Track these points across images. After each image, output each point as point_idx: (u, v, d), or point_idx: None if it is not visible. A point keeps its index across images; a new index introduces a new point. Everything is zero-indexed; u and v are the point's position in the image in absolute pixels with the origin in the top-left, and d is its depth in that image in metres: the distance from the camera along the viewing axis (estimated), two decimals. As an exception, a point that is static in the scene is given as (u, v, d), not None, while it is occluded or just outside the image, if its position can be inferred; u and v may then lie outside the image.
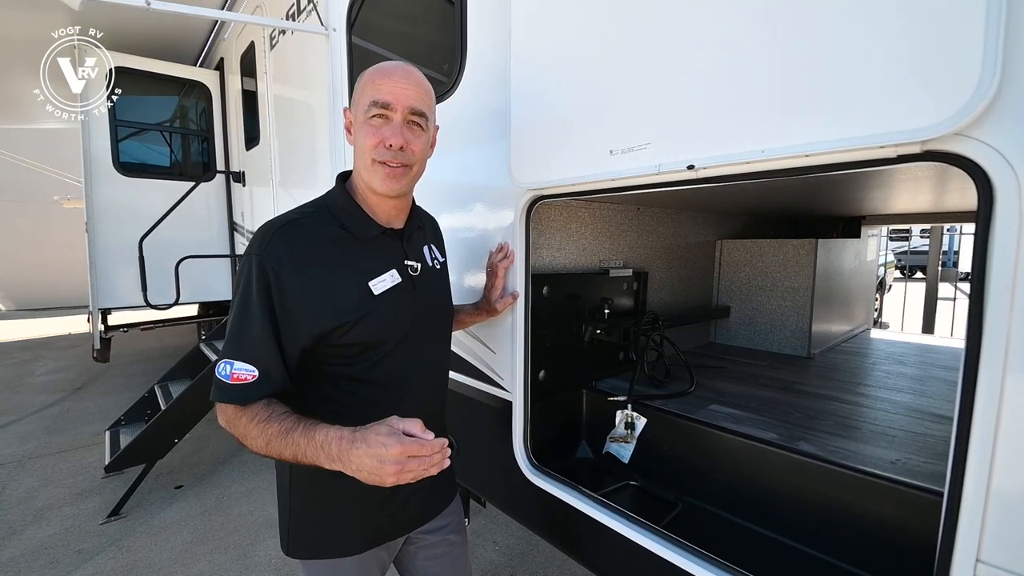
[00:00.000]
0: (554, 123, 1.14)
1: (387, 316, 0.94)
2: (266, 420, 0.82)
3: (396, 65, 0.95)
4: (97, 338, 3.83)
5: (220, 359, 0.86)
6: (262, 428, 0.82)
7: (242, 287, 0.86)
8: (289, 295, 0.86)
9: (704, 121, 0.86)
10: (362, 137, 0.93)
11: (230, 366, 0.84)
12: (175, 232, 3.87)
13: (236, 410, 0.85)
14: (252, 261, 0.86)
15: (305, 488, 0.99)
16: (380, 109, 0.91)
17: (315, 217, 0.93)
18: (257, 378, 0.84)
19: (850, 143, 0.70)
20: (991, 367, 0.64)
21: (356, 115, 0.95)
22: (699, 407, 1.44)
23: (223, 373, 0.84)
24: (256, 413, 0.83)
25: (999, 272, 0.63)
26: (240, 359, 0.84)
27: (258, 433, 0.82)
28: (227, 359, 0.85)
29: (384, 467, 0.73)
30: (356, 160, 0.97)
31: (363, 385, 0.95)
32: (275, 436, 0.81)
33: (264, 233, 0.88)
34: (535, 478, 1.33)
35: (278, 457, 0.82)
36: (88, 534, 2.58)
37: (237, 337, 0.86)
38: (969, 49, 0.60)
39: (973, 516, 0.66)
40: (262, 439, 0.81)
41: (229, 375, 0.84)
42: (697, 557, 0.98)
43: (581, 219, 1.65)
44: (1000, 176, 0.62)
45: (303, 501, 0.99)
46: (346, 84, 2.12)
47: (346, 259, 0.93)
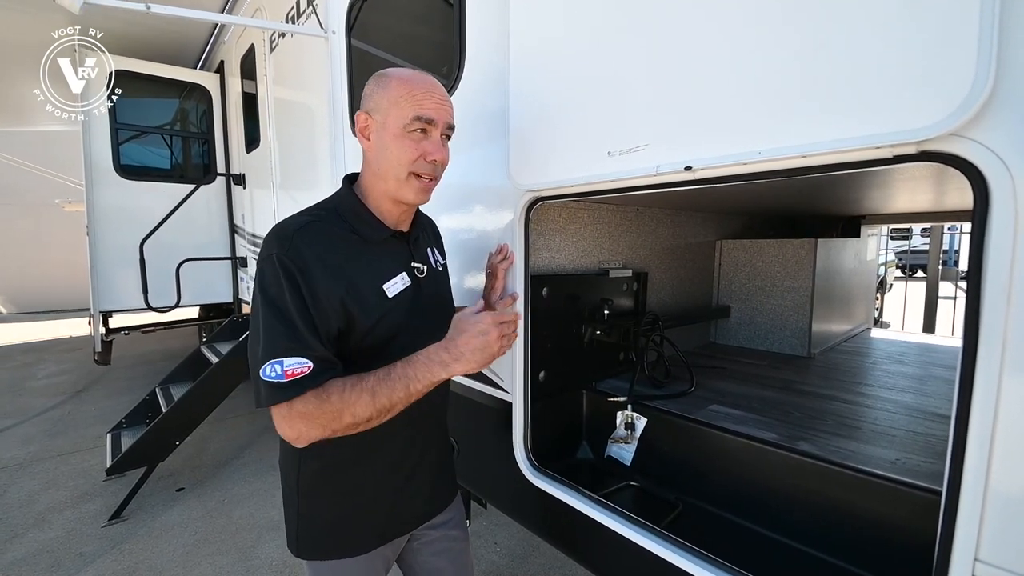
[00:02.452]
0: (553, 125, 1.15)
1: (399, 318, 0.96)
2: (357, 381, 0.84)
3: (432, 81, 0.97)
4: (98, 341, 3.84)
5: (264, 363, 0.81)
6: (359, 388, 0.83)
7: (268, 289, 0.85)
8: (318, 289, 0.85)
9: (701, 122, 0.86)
10: (399, 149, 0.94)
11: (280, 365, 0.81)
12: (176, 235, 3.88)
13: (317, 395, 0.82)
14: (275, 262, 0.84)
15: (313, 489, 0.99)
16: (424, 124, 0.93)
17: (327, 220, 0.94)
18: (313, 368, 0.82)
19: (846, 144, 0.70)
20: (988, 366, 0.64)
21: (389, 124, 0.94)
22: (699, 407, 1.44)
23: (274, 375, 0.80)
24: (342, 383, 0.84)
25: (995, 271, 0.63)
26: (289, 355, 0.81)
27: (357, 395, 0.83)
28: (273, 360, 0.81)
29: (489, 337, 0.87)
30: (385, 168, 0.96)
31: None
32: (378, 384, 0.84)
33: (281, 235, 0.88)
34: (535, 479, 1.33)
35: (387, 404, 0.84)
36: (90, 537, 2.59)
37: (278, 336, 0.82)
38: (964, 50, 0.61)
39: (971, 515, 0.66)
40: (366, 396, 0.83)
41: (283, 374, 0.80)
42: (697, 557, 0.98)
43: (581, 220, 1.66)
44: (995, 176, 0.62)
45: (311, 502, 1.00)
46: (345, 86, 2.12)
47: (361, 260, 0.94)
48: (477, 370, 0.89)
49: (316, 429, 0.83)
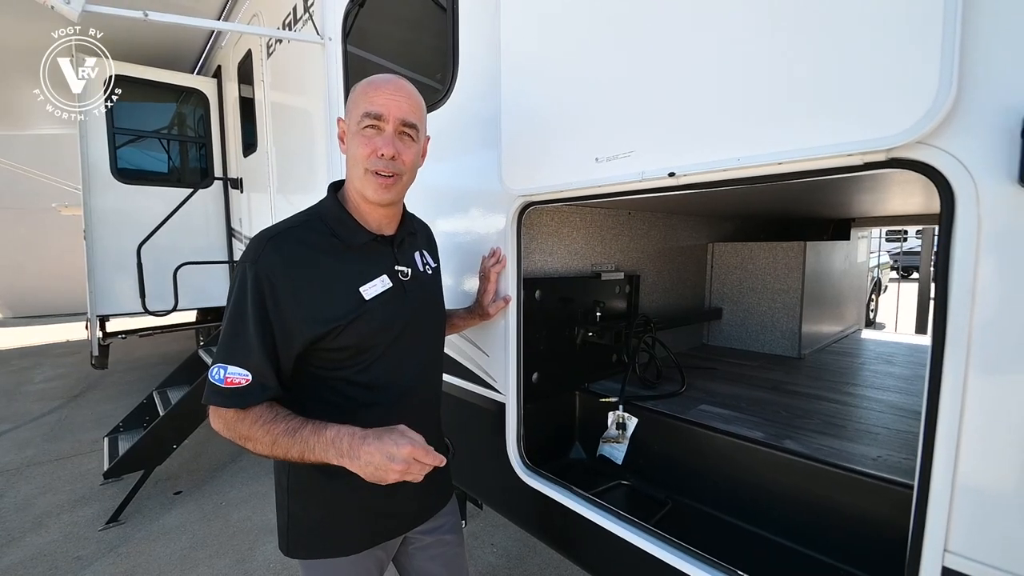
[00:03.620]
0: (543, 132, 1.18)
1: (378, 320, 0.97)
2: (271, 421, 0.86)
3: (388, 78, 0.99)
4: (95, 345, 3.84)
5: (214, 364, 0.88)
6: (267, 428, 0.86)
7: (236, 295, 0.89)
8: (284, 302, 0.89)
9: (684, 131, 0.89)
10: (355, 147, 0.97)
11: (224, 370, 0.86)
12: (173, 239, 3.90)
13: (236, 414, 0.87)
14: (246, 270, 0.88)
15: (302, 489, 1.01)
16: (372, 120, 0.95)
17: (307, 226, 0.96)
18: (251, 382, 0.87)
19: (819, 151, 0.73)
20: (954, 364, 0.67)
21: (349, 125, 0.99)
22: (689, 407, 1.46)
23: (217, 377, 0.87)
24: (260, 415, 0.87)
25: (960, 273, 0.66)
26: (233, 364, 0.87)
27: (263, 434, 0.85)
28: (221, 364, 0.87)
29: (392, 464, 0.80)
30: (349, 169, 1.00)
31: (357, 387, 0.98)
32: (282, 435, 0.85)
33: (258, 242, 0.91)
34: (528, 478, 1.35)
35: (283, 456, 0.86)
36: (87, 540, 2.59)
37: (230, 343, 0.88)
38: (928, 64, 0.64)
39: (940, 507, 0.69)
40: (267, 439, 0.85)
41: (223, 379, 0.86)
42: (684, 553, 1.01)
43: (573, 224, 1.69)
44: (959, 182, 0.65)
45: (300, 502, 1.01)
46: (341, 92, 2.15)
47: (337, 265, 0.96)
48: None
49: (230, 435, 0.89)
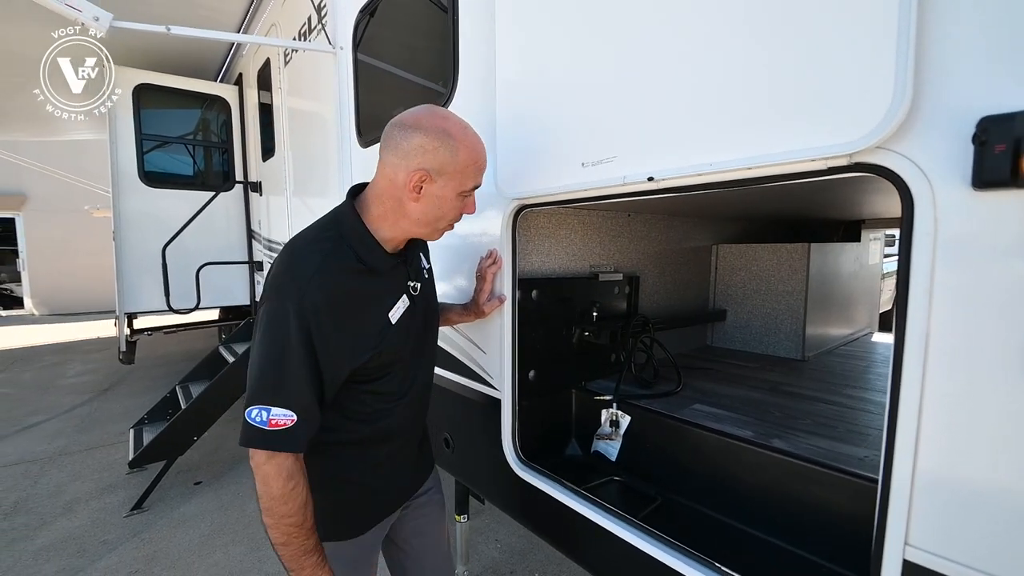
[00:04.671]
0: (534, 138, 1.22)
1: (401, 337, 1.04)
2: (299, 523, 0.89)
3: (482, 144, 1.02)
4: (123, 341, 4.02)
5: (252, 405, 0.86)
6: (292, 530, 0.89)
7: (273, 333, 0.87)
8: (329, 337, 0.90)
9: (661, 138, 0.93)
10: (449, 209, 1.01)
11: (266, 412, 0.85)
12: (197, 240, 4.05)
13: (287, 480, 0.87)
14: (289, 309, 0.87)
15: (316, 483, 1.04)
16: (475, 189, 1.03)
17: (338, 255, 0.95)
18: (296, 422, 0.87)
19: (784, 156, 0.76)
20: (913, 361, 0.69)
21: (449, 188, 0.98)
22: (683, 406, 1.49)
23: (259, 420, 0.85)
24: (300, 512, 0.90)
25: (918, 274, 0.68)
26: (277, 405, 0.86)
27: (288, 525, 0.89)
28: (261, 405, 0.86)
29: None
30: (423, 218, 1.00)
31: (379, 397, 1.05)
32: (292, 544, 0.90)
33: (297, 281, 0.89)
34: (522, 472, 1.40)
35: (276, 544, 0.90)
36: (113, 526, 2.73)
37: (272, 383, 0.87)
38: (883, 71, 0.66)
39: (901, 501, 0.71)
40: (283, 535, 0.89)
41: (266, 421, 0.85)
42: (667, 546, 1.04)
43: (570, 226, 1.72)
44: (917, 185, 0.67)
45: (315, 493, 1.05)
46: (352, 98, 2.23)
47: (369, 294, 0.99)
48: None
49: (272, 487, 0.88)
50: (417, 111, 0.99)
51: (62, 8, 1.64)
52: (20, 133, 7.26)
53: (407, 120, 0.97)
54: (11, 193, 10.85)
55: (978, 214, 0.63)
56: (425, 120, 0.96)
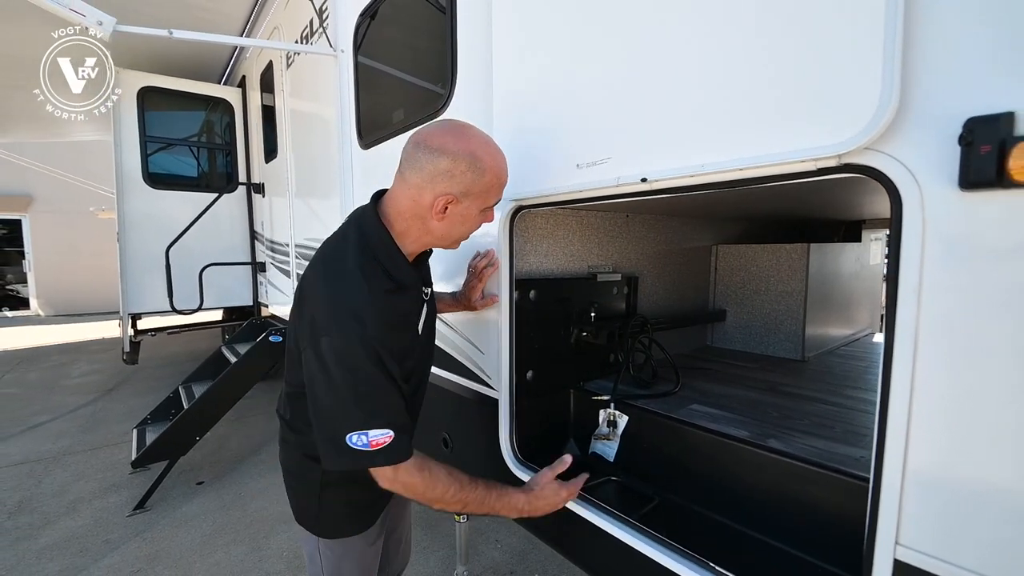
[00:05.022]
0: (531, 139, 1.23)
1: (423, 344, 1.12)
2: (459, 489, 1.01)
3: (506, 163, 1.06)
4: (127, 341, 4.05)
5: (345, 433, 0.91)
6: (459, 496, 1.01)
7: (349, 364, 0.91)
8: (393, 354, 0.95)
9: (654, 139, 0.94)
10: (472, 225, 1.06)
11: (364, 436, 0.91)
12: (200, 241, 4.09)
13: (420, 472, 0.98)
14: (355, 342, 0.90)
15: (337, 483, 1.12)
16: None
17: (376, 278, 0.97)
18: (394, 437, 0.93)
19: (774, 158, 0.76)
20: (903, 359, 0.69)
21: (473, 207, 1.02)
22: (680, 406, 1.49)
23: (360, 444, 0.91)
24: (452, 481, 1.01)
25: (907, 273, 0.68)
26: (372, 427, 0.91)
27: (448, 502, 1.01)
28: (357, 431, 0.90)
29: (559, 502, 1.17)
30: (446, 235, 1.05)
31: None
32: (472, 502, 1.03)
33: (353, 310, 0.92)
34: (520, 472, 1.40)
35: (463, 511, 1.04)
36: (115, 525, 2.75)
37: (365, 409, 0.92)
38: (871, 73, 0.67)
39: (891, 500, 0.71)
40: (458, 504, 1.02)
41: (368, 443, 0.91)
42: (661, 546, 1.04)
43: (569, 226, 1.73)
44: (905, 186, 0.68)
45: (333, 493, 1.13)
46: (353, 100, 2.25)
47: (405, 312, 1.03)
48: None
49: (415, 488, 0.99)
50: (441, 131, 0.99)
51: (66, 13, 1.66)
52: (24, 134, 7.33)
53: (432, 142, 0.97)
54: (17, 195, 10.94)
55: (965, 214, 0.63)
56: (452, 143, 0.96)
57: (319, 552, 1.19)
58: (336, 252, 1.01)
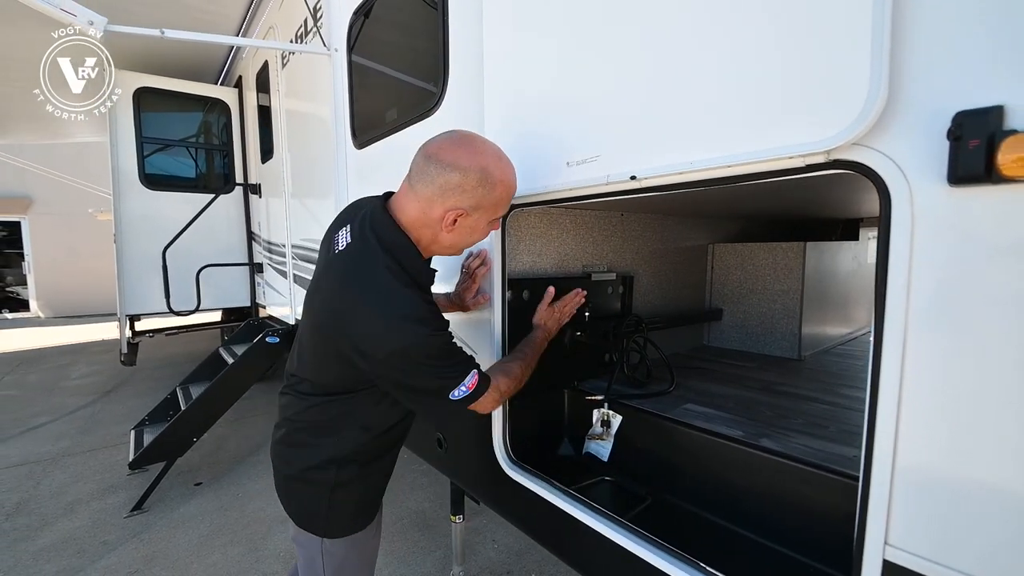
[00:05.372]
0: (522, 137, 1.22)
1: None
2: (511, 375, 1.18)
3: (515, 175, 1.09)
4: (124, 343, 4.05)
5: (452, 389, 1.02)
6: (516, 379, 1.20)
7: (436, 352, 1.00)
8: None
9: (643, 137, 0.93)
10: (480, 235, 1.10)
11: (463, 387, 1.03)
12: (197, 242, 4.08)
13: (498, 384, 1.13)
14: (428, 337, 0.98)
15: (350, 479, 1.15)
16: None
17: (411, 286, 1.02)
18: (477, 372, 1.06)
19: (762, 155, 0.75)
20: (891, 356, 0.68)
21: (482, 219, 1.06)
22: (674, 406, 1.48)
23: (462, 393, 1.03)
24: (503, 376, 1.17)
25: (896, 270, 0.67)
26: (466, 376, 1.03)
27: (517, 381, 1.20)
28: (459, 386, 1.02)
29: (563, 317, 1.43)
30: (454, 245, 1.10)
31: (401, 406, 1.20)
32: (527, 371, 1.24)
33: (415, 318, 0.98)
34: (512, 472, 1.40)
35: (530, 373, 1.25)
36: (113, 526, 2.75)
37: (455, 372, 1.03)
38: (858, 68, 0.66)
39: (880, 500, 0.71)
40: (520, 381, 1.21)
41: (467, 389, 1.03)
42: (652, 546, 1.03)
43: (563, 226, 1.72)
44: (894, 182, 0.67)
45: (345, 490, 1.15)
46: (347, 100, 2.24)
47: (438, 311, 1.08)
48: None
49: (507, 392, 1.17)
50: (452, 144, 1.01)
51: (57, 13, 1.66)
52: (23, 136, 7.33)
53: (443, 156, 0.99)
54: (17, 196, 10.95)
55: (954, 211, 0.62)
56: (464, 158, 0.99)
57: (322, 554, 1.18)
58: (365, 267, 1.02)
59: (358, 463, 1.16)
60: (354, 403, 1.11)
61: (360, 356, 1.00)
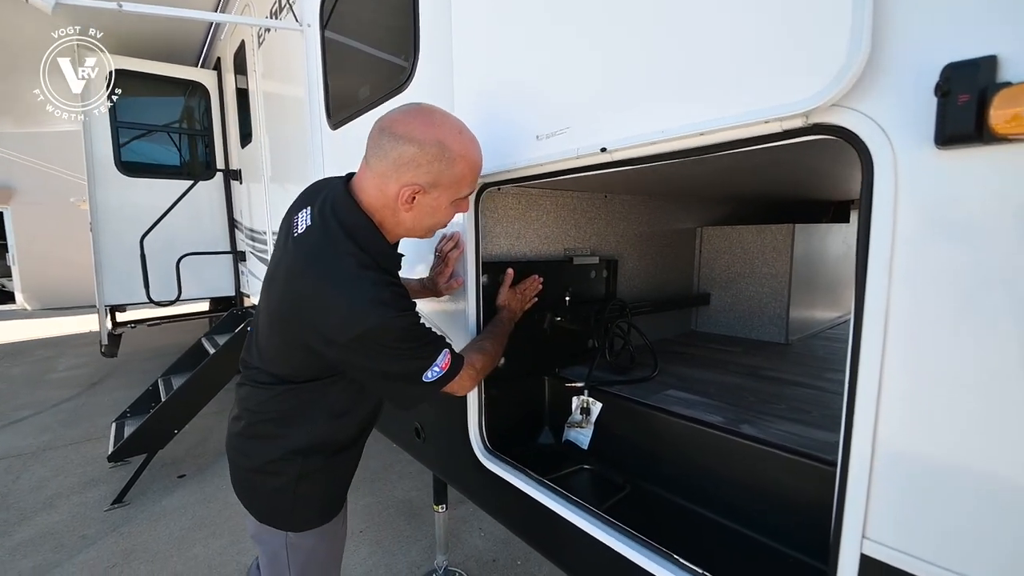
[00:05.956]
0: (491, 112, 1.16)
1: None
2: (484, 353, 1.16)
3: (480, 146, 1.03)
4: (105, 334, 3.97)
5: (423, 371, 0.98)
6: (491, 356, 1.18)
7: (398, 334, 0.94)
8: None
9: (612, 107, 0.87)
10: (444, 215, 1.03)
11: (435, 368, 0.99)
12: (178, 230, 3.98)
13: (468, 371, 1.08)
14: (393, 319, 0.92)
15: (315, 470, 1.10)
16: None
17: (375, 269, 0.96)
18: (449, 351, 1.02)
19: (737, 120, 0.69)
20: (872, 334, 0.63)
21: (443, 197, 0.99)
22: (656, 392, 1.44)
23: (433, 375, 0.98)
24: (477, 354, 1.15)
25: (878, 243, 0.62)
26: (437, 357, 0.99)
27: (491, 360, 1.18)
28: (431, 367, 0.98)
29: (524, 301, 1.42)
30: (417, 225, 1.03)
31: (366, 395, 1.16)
32: (500, 349, 1.23)
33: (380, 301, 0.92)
34: (488, 463, 1.35)
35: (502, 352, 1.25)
36: (93, 520, 2.70)
37: (425, 352, 0.98)
38: (838, 24, 0.60)
39: (859, 491, 0.66)
40: (494, 359, 1.20)
41: (440, 367, 0.99)
42: (626, 537, 0.99)
43: (543, 207, 1.66)
44: (876, 146, 0.61)
45: (310, 482, 1.10)
46: (321, 78, 2.15)
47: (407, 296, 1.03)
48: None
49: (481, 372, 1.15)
50: (407, 116, 0.95)
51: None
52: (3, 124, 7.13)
53: (397, 128, 0.93)
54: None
55: (942, 176, 0.57)
56: (418, 130, 0.92)
57: (286, 549, 1.14)
58: (326, 251, 0.95)
59: (324, 453, 1.11)
60: (319, 391, 1.06)
61: (323, 343, 0.95)
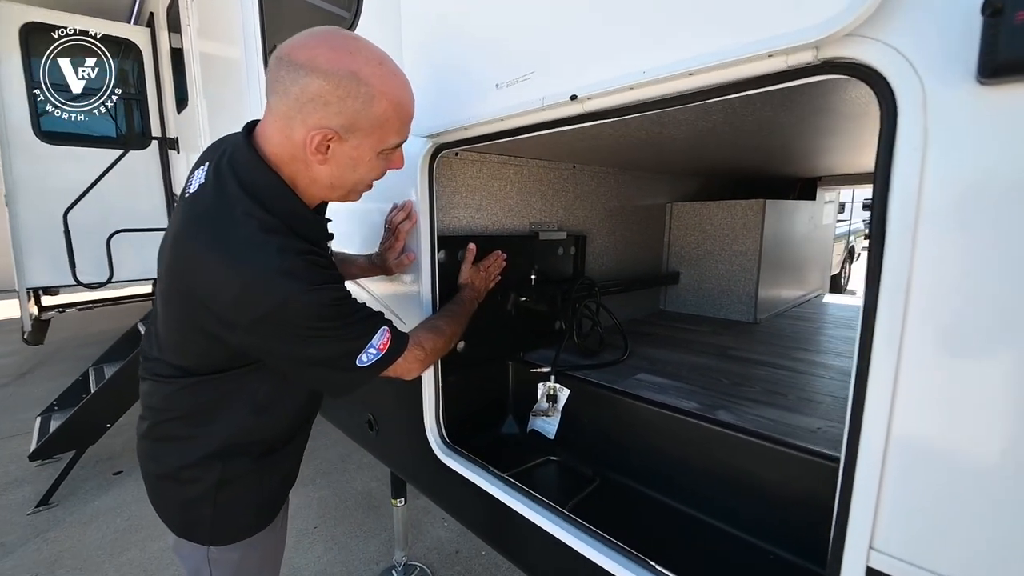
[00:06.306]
0: (445, 60, 1.00)
1: None
2: (437, 331, 1.03)
3: (411, 88, 0.85)
4: (27, 320, 3.59)
5: (356, 354, 0.83)
6: (444, 336, 1.04)
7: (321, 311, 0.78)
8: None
9: (584, 45, 0.72)
10: (368, 170, 0.85)
11: (371, 348, 0.84)
12: (111, 205, 3.62)
13: (420, 341, 0.97)
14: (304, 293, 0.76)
15: (238, 476, 0.95)
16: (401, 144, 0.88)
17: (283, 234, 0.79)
18: (389, 331, 0.88)
19: (733, 53, 0.57)
20: (891, 308, 0.53)
21: (365, 146, 0.81)
22: (626, 376, 1.34)
23: (371, 357, 0.84)
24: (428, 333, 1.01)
25: (900, 201, 0.52)
26: (371, 337, 0.85)
27: (446, 340, 1.04)
28: (365, 348, 0.84)
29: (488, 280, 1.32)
30: (338, 182, 0.85)
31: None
32: (457, 329, 1.09)
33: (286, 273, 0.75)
34: (446, 457, 1.23)
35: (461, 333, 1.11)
36: (14, 525, 2.44)
37: (356, 330, 0.84)
38: (866, -82, 0.48)
39: (867, 494, 0.57)
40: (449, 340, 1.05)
41: (379, 351, 0.85)
42: (591, 538, 0.90)
43: (506, 177, 1.51)
44: (902, 81, 0.50)
45: (231, 489, 0.95)
46: (258, 33, 1.91)
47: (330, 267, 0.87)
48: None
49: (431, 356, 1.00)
50: (311, 39, 0.74)
51: None
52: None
53: (298, 55, 0.73)
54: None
55: (986, 119, 0.46)
56: (324, 57, 0.72)
57: (209, 564, 0.98)
58: (221, 213, 0.77)
59: (250, 455, 0.95)
60: (234, 381, 0.89)
61: (221, 326, 0.78)
